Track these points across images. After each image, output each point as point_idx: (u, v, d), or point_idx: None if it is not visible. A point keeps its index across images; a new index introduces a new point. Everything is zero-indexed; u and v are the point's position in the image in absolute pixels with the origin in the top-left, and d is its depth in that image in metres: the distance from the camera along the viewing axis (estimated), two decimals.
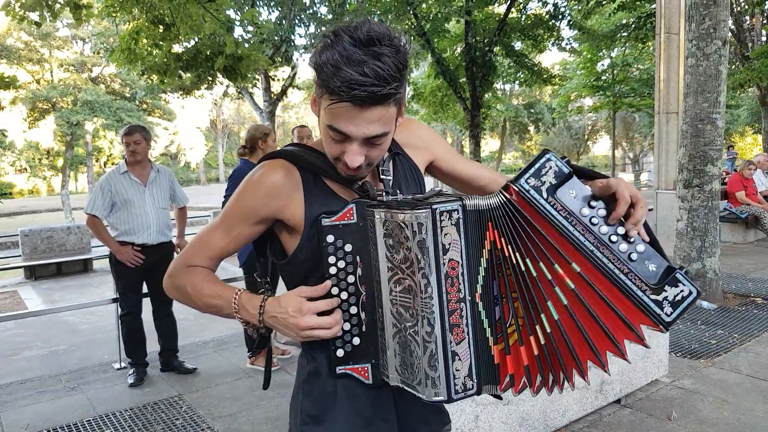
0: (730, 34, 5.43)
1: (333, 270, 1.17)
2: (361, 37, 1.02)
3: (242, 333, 4.62)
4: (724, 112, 5.52)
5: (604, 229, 1.06)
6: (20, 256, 9.83)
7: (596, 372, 3.29)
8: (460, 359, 1.08)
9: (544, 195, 1.05)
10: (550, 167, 1.06)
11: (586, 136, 38.99)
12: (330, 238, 1.16)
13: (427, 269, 1.05)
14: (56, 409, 3.81)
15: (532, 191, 1.05)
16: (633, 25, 14.66)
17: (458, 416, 2.65)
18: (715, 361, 4.14)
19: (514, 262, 1.07)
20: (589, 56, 18.03)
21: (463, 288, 1.07)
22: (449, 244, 1.05)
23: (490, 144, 41.91)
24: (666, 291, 1.05)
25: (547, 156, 1.06)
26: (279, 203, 1.21)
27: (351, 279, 1.17)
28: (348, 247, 1.16)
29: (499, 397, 1.19)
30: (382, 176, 1.25)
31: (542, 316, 1.06)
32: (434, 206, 1.04)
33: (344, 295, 1.18)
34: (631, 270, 1.05)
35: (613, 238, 1.06)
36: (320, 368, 1.27)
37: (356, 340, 1.20)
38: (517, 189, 1.05)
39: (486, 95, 14.64)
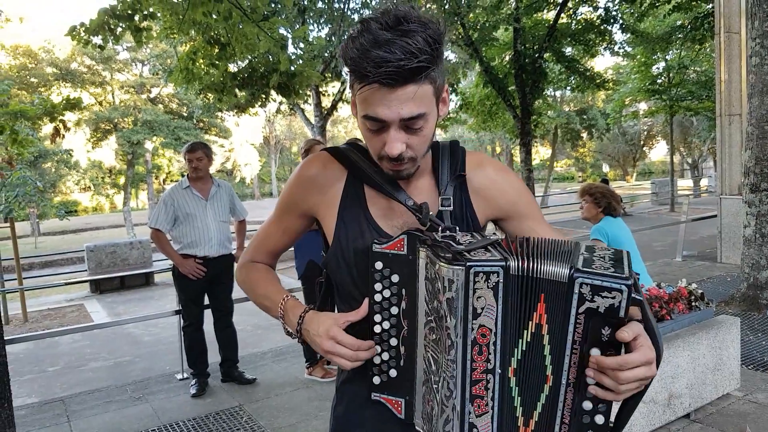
0: None
1: (378, 297, 1.12)
2: (389, 21, 0.99)
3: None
4: None
5: (590, 379, 0.94)
6: (86, 270, 10.29)
7: (664, 385, 3.17)
8: None
9: (581, 310, 0.92)
10: (615, 298, 0.89)
11: (642, 142, 37.83)
12: (378, 265, 1.11)
13: (452, 330, 0.97)
14: (123, 418, 3.94)
15: (575, 296, 0.92)
16: (689, 26, 14.17)
17: None
18: None
19: (544, 342, 0.98)
20: (643, 59, 17.51)
21: (492, 359, 0.97)
22: (482, 308, 0.95)
23: (540, 152, 41.23)
24: None
25: (626, 286, 0.89)
26: (315, 198, 1.22)
27: (394, 311, 1.12)
28: (395, 278, 1.10)
29: None
30: (442, 207, 1.17)
31: (538, 402, 1.01)
32: (470, 264, 0.94)
33: (386, 325, 1.13)
34: (572, 426, 0.97)
35: (593, 390, 0.94)
36: (354, 378, 1.25)
37: (393, 372, 1.14)
38: (570, 280, 0.92)
39: (536, 102, 14.42)
